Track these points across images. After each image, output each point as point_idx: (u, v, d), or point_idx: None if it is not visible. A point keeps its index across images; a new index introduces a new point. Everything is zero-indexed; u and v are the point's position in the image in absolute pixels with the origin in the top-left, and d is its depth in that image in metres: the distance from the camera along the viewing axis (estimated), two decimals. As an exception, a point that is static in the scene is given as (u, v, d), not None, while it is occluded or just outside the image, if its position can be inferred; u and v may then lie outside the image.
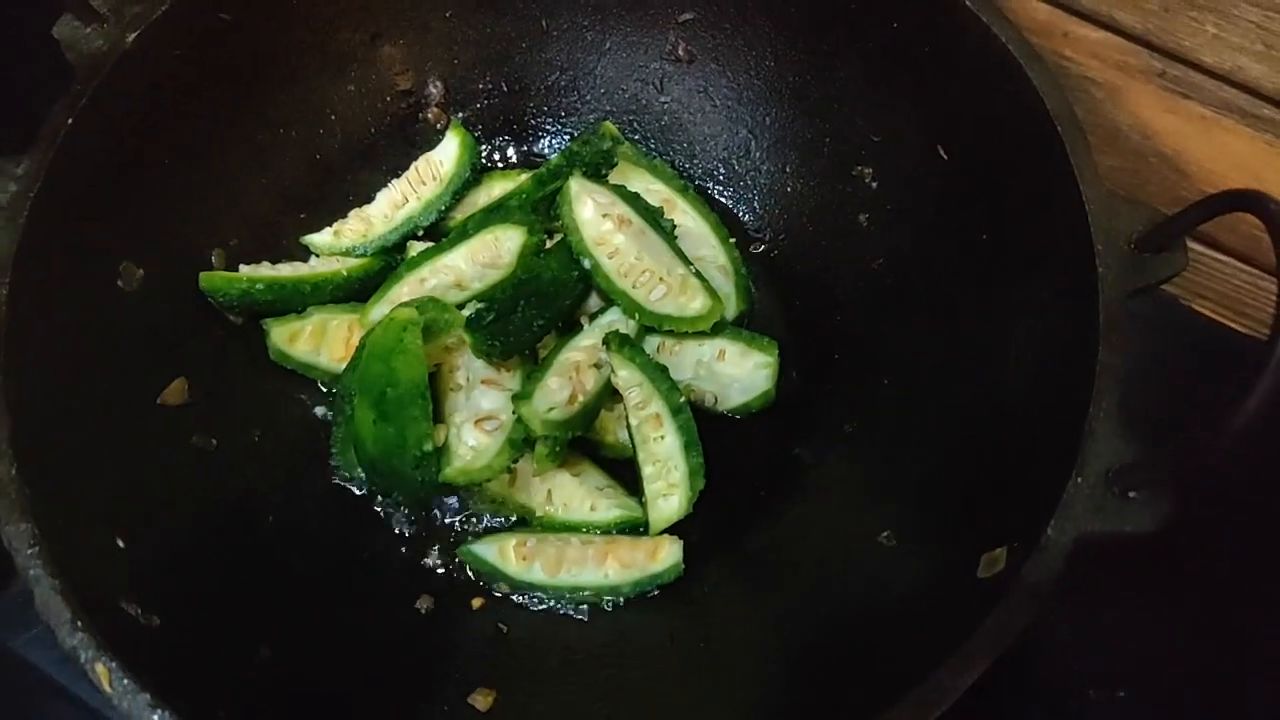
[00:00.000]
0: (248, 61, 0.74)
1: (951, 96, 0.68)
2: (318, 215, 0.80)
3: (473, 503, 0.72)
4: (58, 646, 0.68)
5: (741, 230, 0.84)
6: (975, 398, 0.63)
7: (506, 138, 0.87)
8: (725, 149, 0.84)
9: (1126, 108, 0.81)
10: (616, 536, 0.70)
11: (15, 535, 0.50)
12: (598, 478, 0.73)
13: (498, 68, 0.85)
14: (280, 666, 0.57)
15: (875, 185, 0.76)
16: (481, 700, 0.61)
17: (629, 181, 0.80)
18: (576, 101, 0.87)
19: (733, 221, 0.84)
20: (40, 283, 0.58)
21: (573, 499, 0.71)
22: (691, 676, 0.64)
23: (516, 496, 0.71)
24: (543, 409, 0.67)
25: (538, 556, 0.68)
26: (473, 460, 0.69)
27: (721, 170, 0.85)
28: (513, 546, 0.69)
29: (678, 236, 0.78)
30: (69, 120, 0.61)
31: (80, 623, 0.48)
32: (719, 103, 0.84)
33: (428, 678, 0.63)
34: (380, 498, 0.72)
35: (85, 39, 0.64)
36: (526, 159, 0.87)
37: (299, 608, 0.63)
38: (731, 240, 0.81)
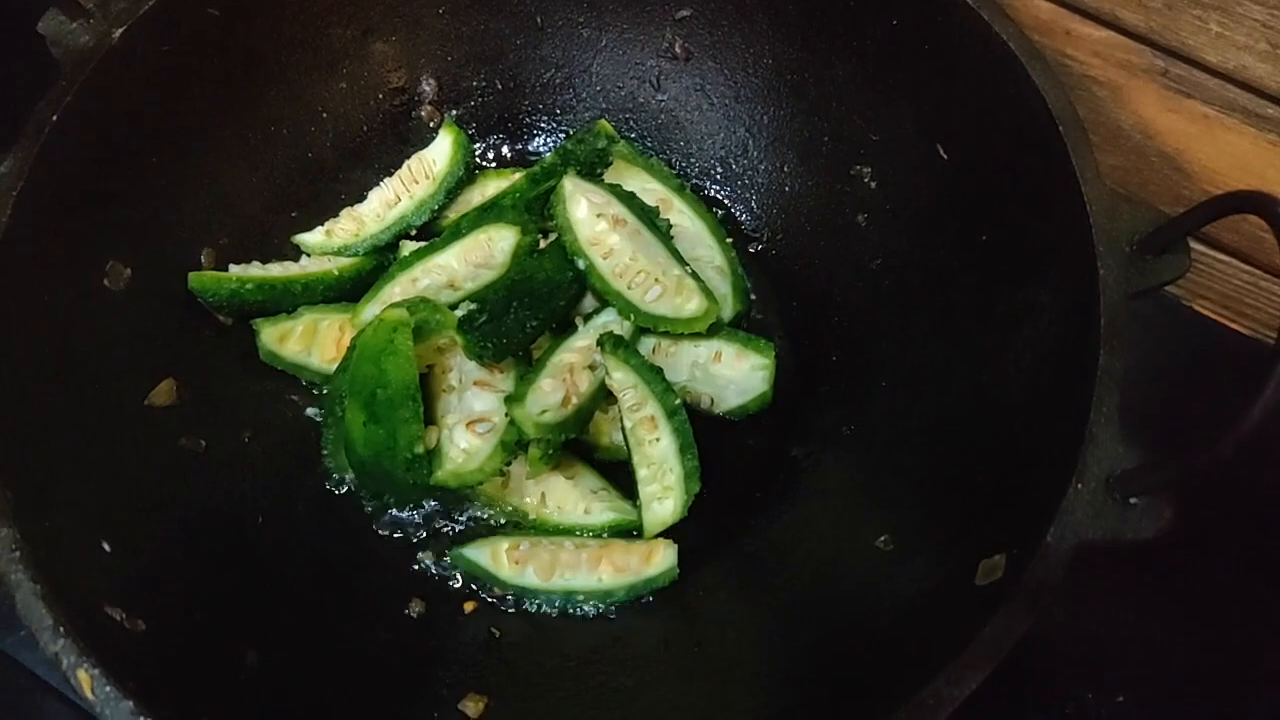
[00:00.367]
0: (237, 58, 0.73)
1: (951, 95, 0.67)
2: (309, 214, 0.79)
3: (465, 505, 0.71)
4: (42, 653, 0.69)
5: (739, 230, 0.83)
6: (974, 401, 0.62)
7: (501, 136, 0.87)
8: (722, 148, 0.84)
9: (1129, 106, 0.81)
10: (610, 540, 0.70)
11: (-4, 540, 0.49)
12: (592, 480, 0.72)
13: (492, 65, 0.85)
14: (268, 672, 0.57)
15: (874, 185, 0.75)
16: (473, 706, 0.60)
17: (625, 180, 0.79)
18: (572, 99, 0.86)
19: (730, 221, 0.84)
20: (25, 282, 0.58)
21: (566, 502, 0.71)
22: (686, 682, 0.63)
23: (509, 499, 0.71)
24: (536, 411, 0.66)
25: (531, 560, 0.67)
26: (465, 463, 0.68)
27: (719, 169, 0.84)
28: (505, 550, 0.68)
29: (674, 236, 0.77)
30: (54, 117, 0.60)
31: (63, 629, 0.48)
32: (716, 101, 0.83)
33: (418, 683, 0.62)
34: (371, 500, 0.71)
35: (71, 34, 0.63)
36: (521, 157, 0.87)
37: (288, 612, 0.63)
38: (729, 240, 0.80)
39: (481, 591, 0.68)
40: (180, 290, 0.70)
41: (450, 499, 0.71)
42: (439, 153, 0.81)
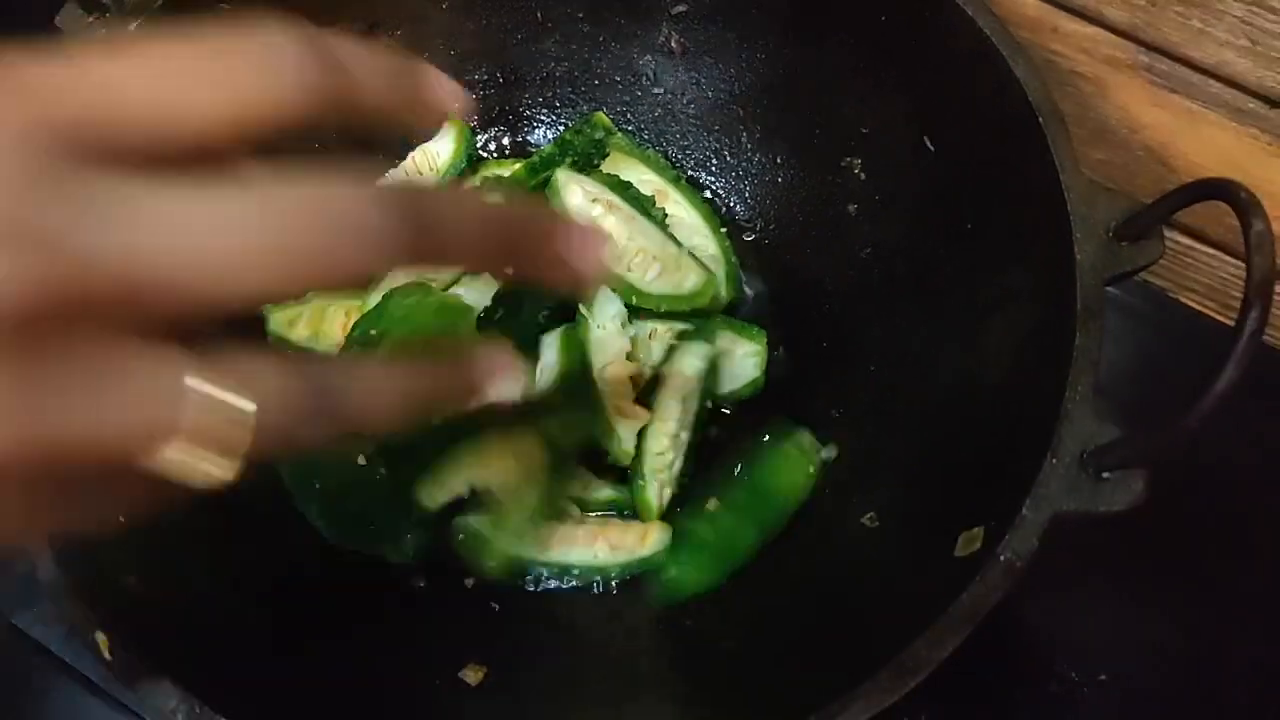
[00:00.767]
0: (247, 51, 0.75)
1: (938, 88, 0.69)
2: (315, 204, 0.81)
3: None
4: (60, 622, 0.70)
5: (733, 220, 0.85)
6: (957, 383, 0.64)
7: (501, 128, 0.88)
8: (717, 140, 0.85)
9: (1114, 102, 0.82)
10: (609, 518, 0.71)
11: (18, 509, 0.51)
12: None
13: (493, 59, 0.86)
14: (276, 639, 0.59)
15: (864, 176, 0.77)
16: (472, 675, 0.62)
17: (621, 171, 0.81)
18: (570, 92, 0.88)
19: (724, 211, 0.85)
20: (42, 266, 0.59)
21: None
22: (678, 654, 0.65)
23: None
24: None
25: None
26: None
27: (713, 161, 0.86)
28: (506, 520, 0.70)
29: (669, 226, 0.79)
30: (71, 108, 0.62)
31: (82, 594, 0.50)
32: (711, 95, 0.85)
33: (419, 653, 0.64)
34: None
35: (88, 28, 0.65)
36: (521, 149, 0.88)
37: (293, 583, 0.65)
38: (723, 230, 0.82)
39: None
40: (191, 276, 0.72)
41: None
42: (443, 146, 0.83)
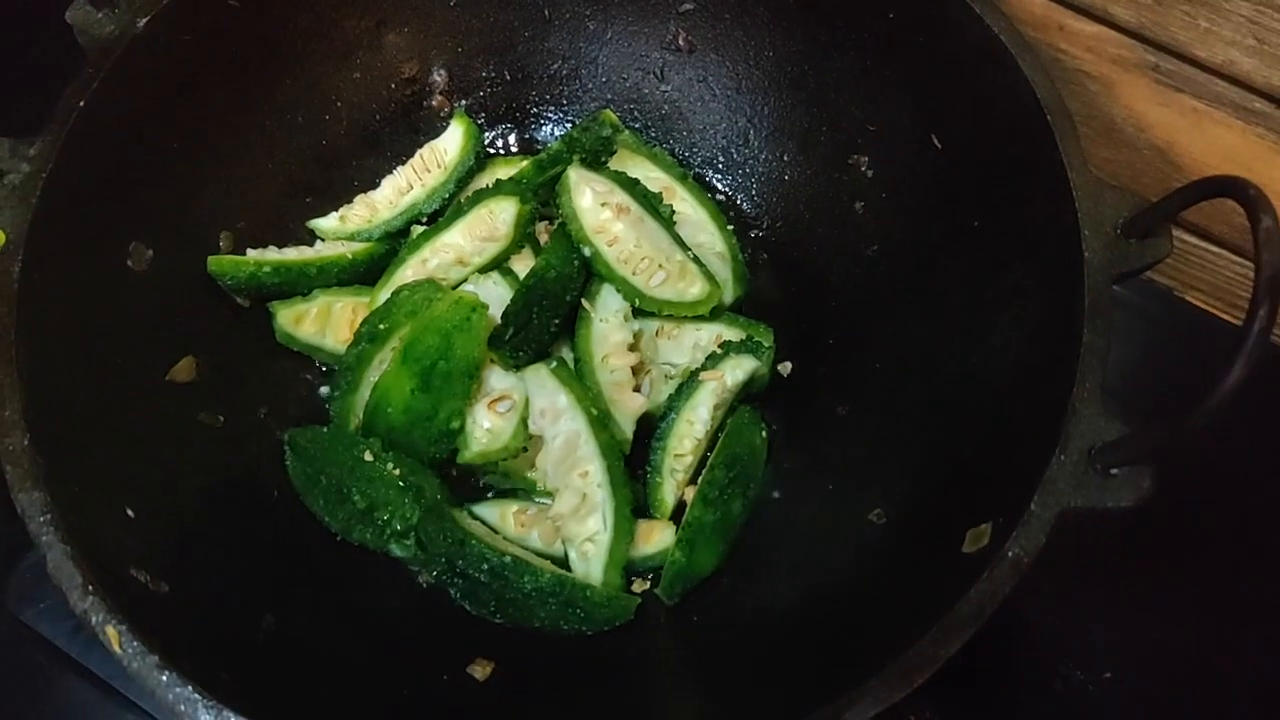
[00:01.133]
0: (256, 48, 0.75)
1: (945, 86, 0.69)
2: (323, 200, 0.82)
3: (479, 472, 0.74)
4: (69, 618, 0.71)
5: (740, 217, 0.85)
6: (964, 379, 0.64)
7: (509, 125, 0.89)
8: (724, 138, 0.86)
9: (1121, 101, 0.82)
10: None
11: (29, 503, 0.52)
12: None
13: (501, 56, 0.87)
14: (284, 634, 0.59)
15: (870, 174, 0.77)
16: (480, 670, 0.62)
17: (629, 169, 0.81)
18: (578, 90, 0.88)
19: (731, 209, 0.85)
20: (52, 261, 0.60)
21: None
22: (684, 649, 0.66)
23: (522, 470, 0.72)
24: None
25: (536, 525, 0.69)
26: (490, 443, 0.70)
27: (720, 158, 0.86)
28: (513, 513, 0.70)
29: (676, 223, 0.79)
30: (81, 103, 0.62)
31: (91, 587, 0.50)
32: (718, 92, 0.85)
33: (428, 647, 0.64)
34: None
35: (97, 24, 0.65)
36: (528, 146, 0.89)
37: (303, 579, 0.65)
38: (729, 227, 0.82)
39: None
40: (200, 272, 0.72)
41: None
42: (450, 142, 0.83)
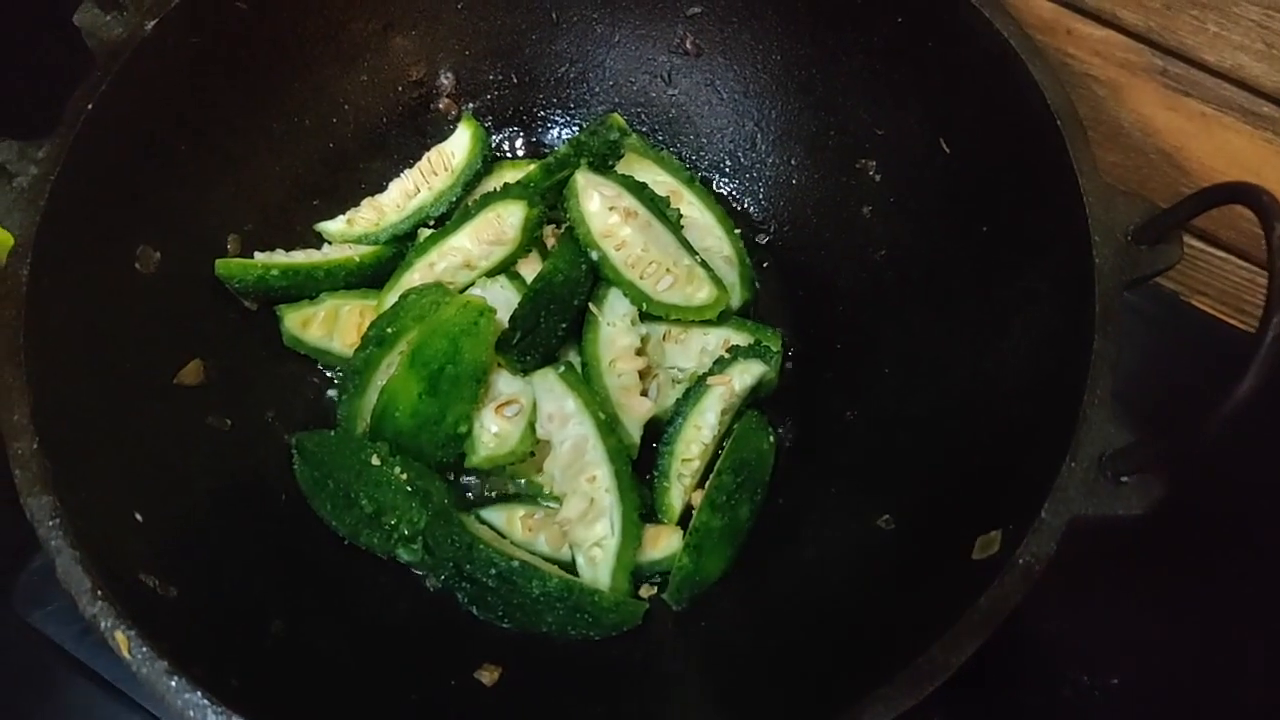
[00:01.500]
0: (263, 51, 0.75)
1: (954, 91, 0.69)
2: (331, 203, 0.82)
3: (486, 477, 0.74)
4: (76, 621, 0.71)
5: (747, 221, 0.85)
6: (973, 385, 0.64)
7: (516, 129, 0.89)
8: (731, 141, 0.86)
9: (1128, 105, 0.82)
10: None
11: (38, 507, 0.52)
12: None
13: (508, 59, 0.87)
14: (292, 639, 0.59)
15: (878, 178, 0.77)
16: (487, 675, 0.62)
17: (636, 172, 0.81)
18: (585, 93, 0.88)
19: (738, 213, 0.85)
20: (60, 263, 0.60)
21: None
22: (693, 655, 0.65)
23: (530, 474, 0.72)
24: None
25: (543, 529, 0.69)
26: (497, 447, 0.70)
27: (728, 162, 0.86)
28: (520, 517, 0.70)
29: (684, 227, 0.79)
30: (89, 106, 0.62)
31: (100, 592, 0.50)
32: (726, 96, 0.85)
33: (435, 652, 0.64)
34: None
35: (105, 26, 0.66)
36: (535, 150, 0.88)
37: (311, 584, 0.65)
38: (737, 231, 0.82)
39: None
40: (207, 275, 0.72)
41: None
42: (458, 146, 0.83)
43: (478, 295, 0.69)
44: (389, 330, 0.71)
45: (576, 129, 0.88)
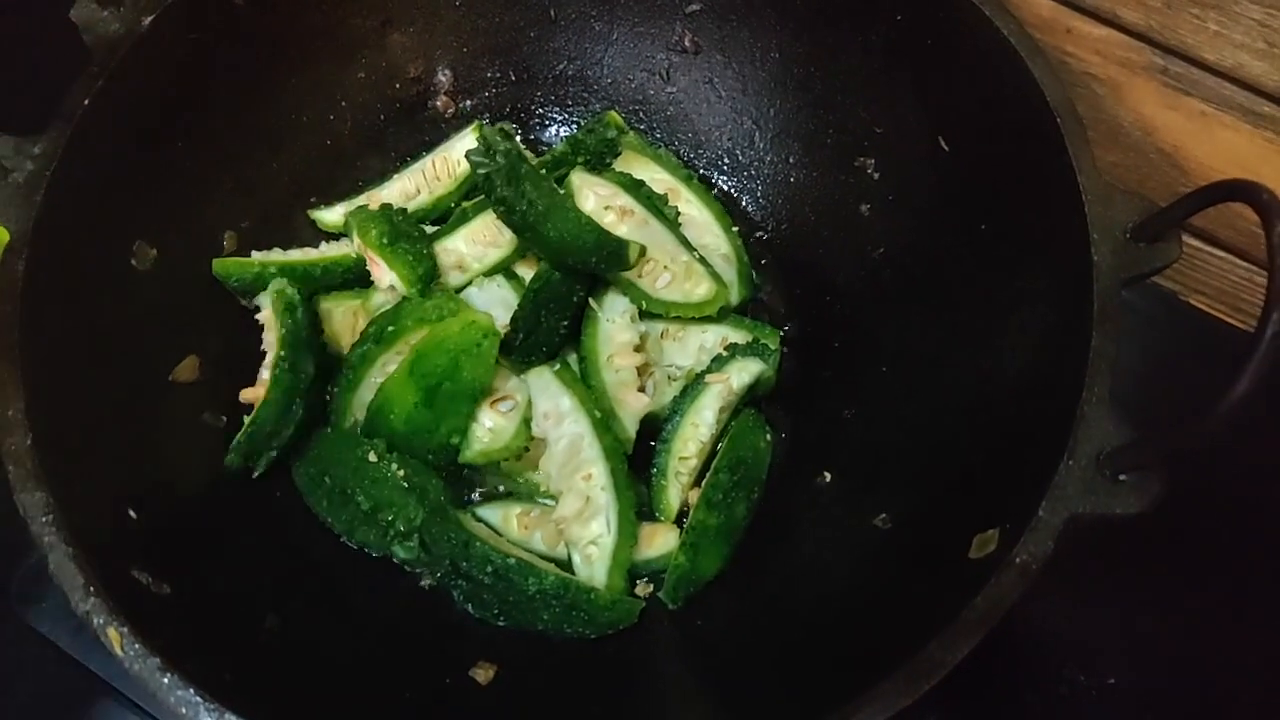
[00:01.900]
0: (261, 47, 0.75)
1: (953, 89, 0.69)
2: (328, 199, 0.82)
3: (482, 474, 0.73)
4: (71, 617, 0.70)
5: (745, 219, 0.85)
6: (971, 384, 0.64)
7: (513, 126, 0.88)
8: (730, 139, 0.85)
9: (1128, 104, 0.82)
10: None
11: (31, 503, 0.51)
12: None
13: (506, 57, 0.87)
14: (287, 636, 0.59)
15: (877, 176, 0.77)
16: (482, 674, 0.62)
17: (634, 170, 0.81)
18: (583, 91, 0.88)
19: (736, 211, 0.85)
20: (56, 259, 0.59)
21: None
22: (689, 653, 0.65)
23: (525, 472, 0.72)
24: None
25: (539, 527, 0.69)
26: (491, 442, 0.70)
27: (726, 160, 0.86)
28: (516, 515, 0.70)
29: (681, 225, 0.79)
30: (85, 101, 0.62)
31: (93, 589, 0.49)
32: (724, 94, 0.85)
33: (430, 650, 0.64)
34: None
35: (102, 22, 0.65)
36: (533, 147, 0.88)
37: (306, 580, 0.65)
38: (735, 229, 0.82)
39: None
40: (204, 272, 0.72)
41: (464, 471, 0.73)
42: (462, 153, 0.82)
43: (484, 315, 0.69)
44: (389, 329, 0.71)
45: (574, 127, 0.88)
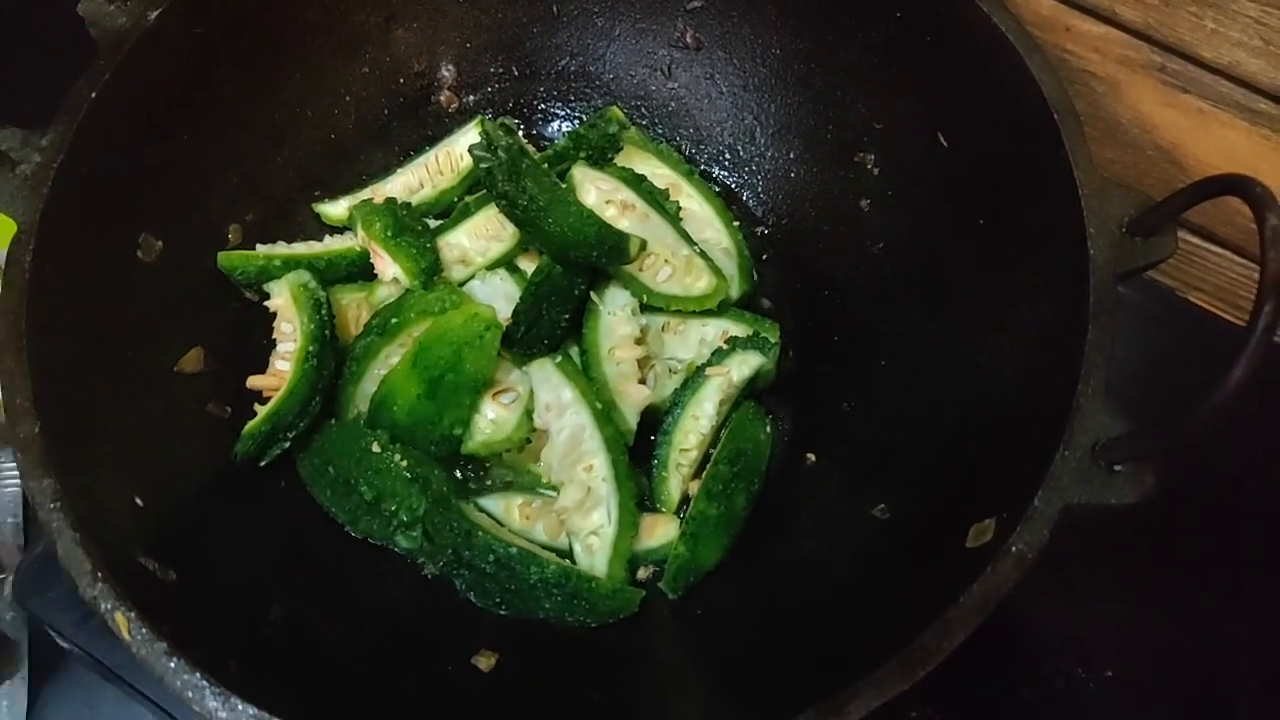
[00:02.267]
0: (265, 41, 0.75)
1: (952, 85, 0.69)
2: (331, 193, 0.82)
3: (484, 465, 0.74)
4: (75, 607, 0.71)
5: (746, 214, 0.85)
6: (969, 376, 0.64)
7: (516, 121, 0.89)
8: (731, 135, 0.86)
9: (1126, 101, 0.82)
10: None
11: (39, 490, 0.52)
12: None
13: (509, 52, 0.87)
14: (291, 623, 0.59)
15: (877, 171, 0.77)
16: (484, 661, 0.62)
17: (635, 165, 0.81)
18: (585, 86, 0.88)
19: (737, 205, 0.86)
20: (62, 251, 0.60)
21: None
22: (690, 642, 0.66)
23: (527, 463, 0.73)
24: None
25: (541, 517, 0.70)
26: (494, 433, 0.70)
27: (727, 156, 0.87)
28: (518, 505, 0.71)
29: (682, 219, 0.80)
30: (92, 95, 0.62)
31: (100, 574, 0.50)
32: (725, 90, 0.85)
33: (432, 638, 0.64)
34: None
35: (109, 16, 0.66)
36: (535, 142, 0.89)
37: (310, 569, 0.65)
38: (736, 223, 0.82)
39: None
40: (209, 264, 0.73)
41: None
42: (465, 148, 0.83)
43: (487, 307, 0.69)
44: (393, 321, 0.72)
45: (576, 122, 0.88)
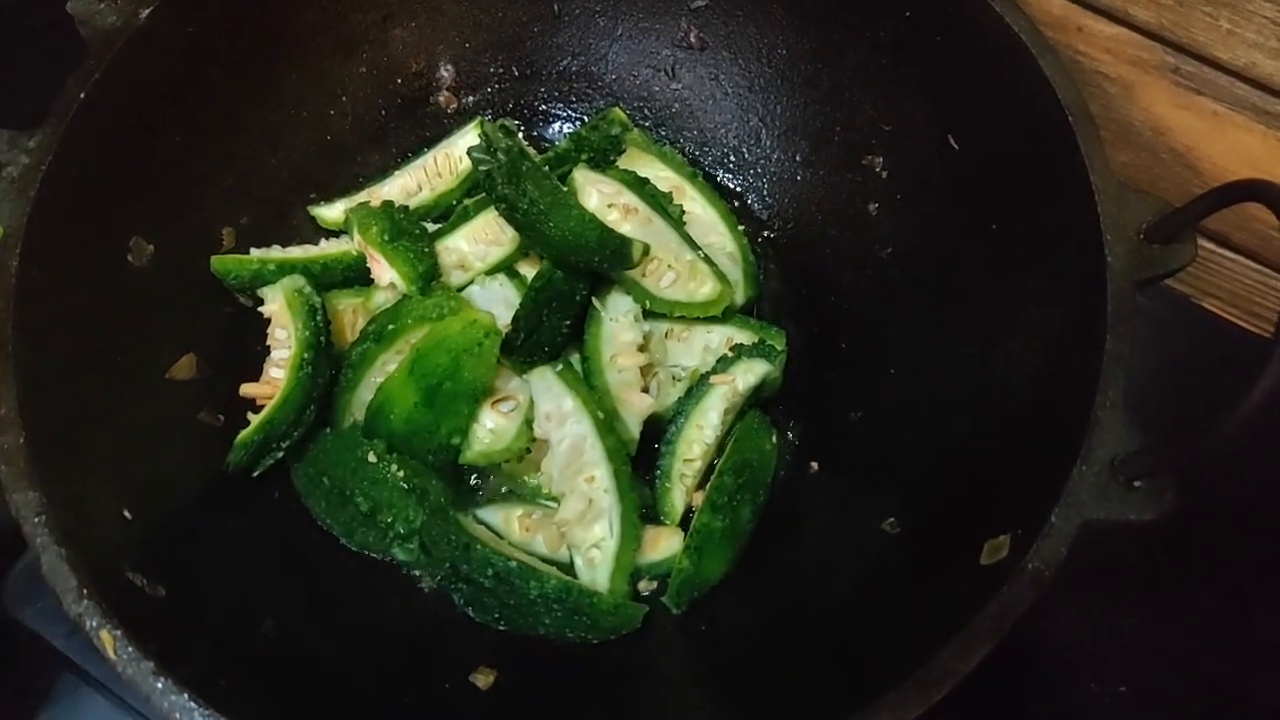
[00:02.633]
0: (260, 40, 0.74)
1: (963, 87, 0.68)
2: (327, 196, 0.81)
3: (483, 476, 0.73)
4: (65, 618, 0.69)
5: (751, 218, 0.84)
6: (981, 386, 0.63)
7: (516, 123, 0.87)
8: (736, 137, 0.85)
9: (1140, 103, 0.81)
10: None
11: (23, 503, 0.51)
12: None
13: (509, 52, 0.86)
14: (284, 640, 0.58)
15: (885, 175, 0.76)
16: (482, 679, 0.61)
17: (638, 168, 0.80)
18: (587, 87, 0.87)
19: (742, 209, 0.84)
20: (51, 255, 0.59)
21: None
22: (693, 659, 0.65)
23: (526, 473, 0.72)
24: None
25: (541, 530, 0.68)
26: (493, 443, 0.69)
27: (732, 158, 0.85)
28: (517, 517, 0.69)
29: (686, 223, 0.78)
30: (81, 95, 0.61)
31: (86, 590, 0.49)
32: (730, 90, 0.84)
33: (429, 654, 0.63)
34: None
35: (99, 15, 0.65)
36: (536, 144, 0.87)
37: (303, 583, 0.64)
38: (740, 227, 0.81)
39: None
40: (201, 269, 0.71)
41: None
42: (464, 150, 0.82)
43: (486, 314, 0.68)
44: (389, 327, 0.70)
45: (578, 123, 0.87)
